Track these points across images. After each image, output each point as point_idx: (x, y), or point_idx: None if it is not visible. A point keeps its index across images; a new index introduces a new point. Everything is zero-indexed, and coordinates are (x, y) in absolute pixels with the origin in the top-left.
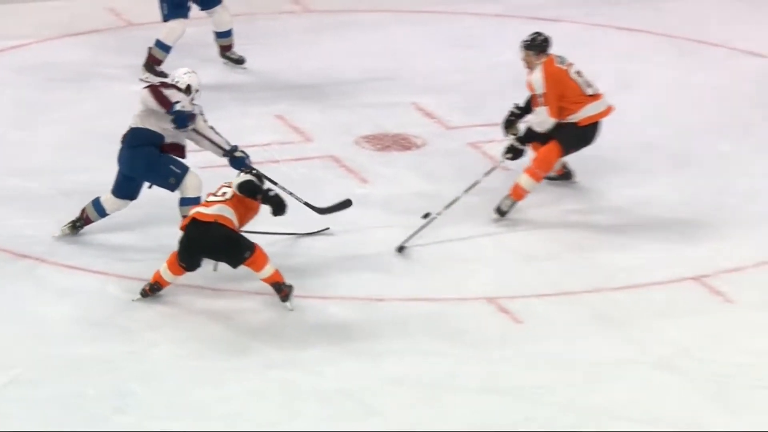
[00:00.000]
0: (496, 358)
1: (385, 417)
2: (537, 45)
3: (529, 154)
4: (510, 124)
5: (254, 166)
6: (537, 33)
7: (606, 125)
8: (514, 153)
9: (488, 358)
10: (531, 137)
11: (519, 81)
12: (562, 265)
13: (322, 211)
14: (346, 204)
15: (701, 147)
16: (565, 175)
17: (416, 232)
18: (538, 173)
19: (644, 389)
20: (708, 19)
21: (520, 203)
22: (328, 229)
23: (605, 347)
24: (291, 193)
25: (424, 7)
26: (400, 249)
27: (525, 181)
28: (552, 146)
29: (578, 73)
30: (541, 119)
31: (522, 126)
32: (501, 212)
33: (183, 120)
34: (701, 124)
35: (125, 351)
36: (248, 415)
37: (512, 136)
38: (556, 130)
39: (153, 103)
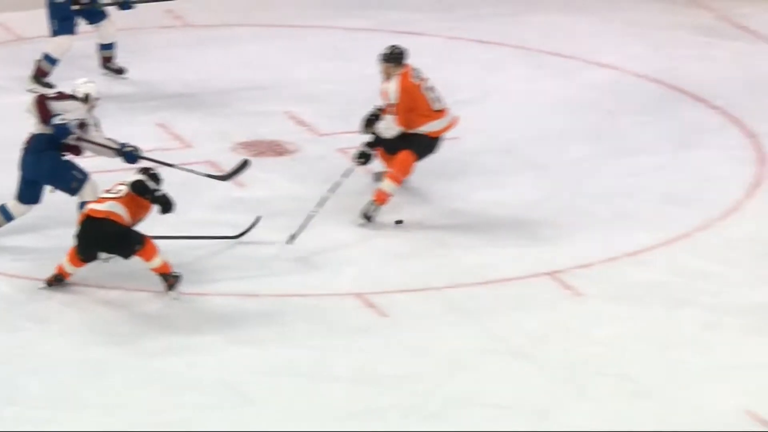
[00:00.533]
0: (365, 349)
1: (261, 405)
2: (394, 57)
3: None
4: (369, 123)
5: (148, 156)
6: (394, 46)
7: (466, 131)
8: (365, 158)
9: (357, 349)
10: (378, 143)
11: None
12: (425, 261)
13: (223, 178)
14: (244, 165)
15: (554, 152)
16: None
17: (302, 226)
18: (398, 177)
19: (502, 377)
20: (561, 33)
21: (384, 207)
22: (260, 218)
23: (466, 338)
24: (191, 170)
25: (297, 22)
26: (291, 238)
27: (387, 185)
28: (407, 153)
29: (430, 88)
30: (388, 126)
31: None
32: (367, 217)
33: (62, 132)
34: (554, 130)
35: (15, 344)
36: (128, 405)
37: (370, 135)
38: (410, 141)
39: (36, 113)
